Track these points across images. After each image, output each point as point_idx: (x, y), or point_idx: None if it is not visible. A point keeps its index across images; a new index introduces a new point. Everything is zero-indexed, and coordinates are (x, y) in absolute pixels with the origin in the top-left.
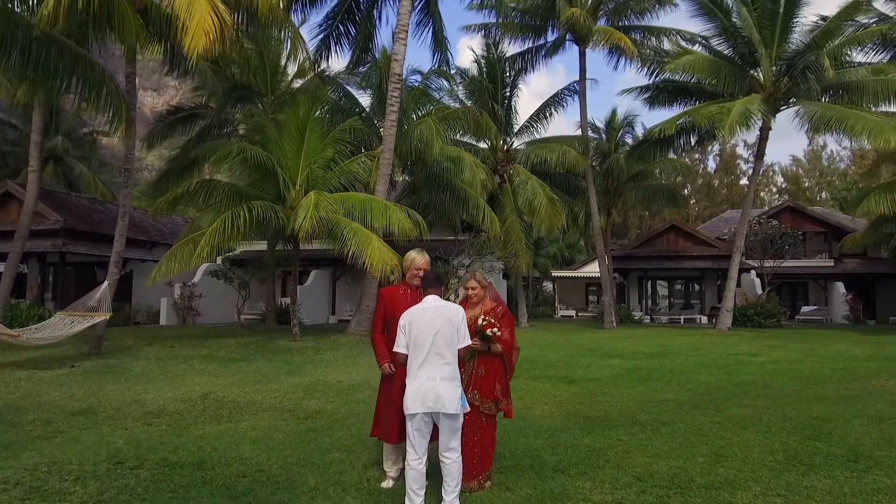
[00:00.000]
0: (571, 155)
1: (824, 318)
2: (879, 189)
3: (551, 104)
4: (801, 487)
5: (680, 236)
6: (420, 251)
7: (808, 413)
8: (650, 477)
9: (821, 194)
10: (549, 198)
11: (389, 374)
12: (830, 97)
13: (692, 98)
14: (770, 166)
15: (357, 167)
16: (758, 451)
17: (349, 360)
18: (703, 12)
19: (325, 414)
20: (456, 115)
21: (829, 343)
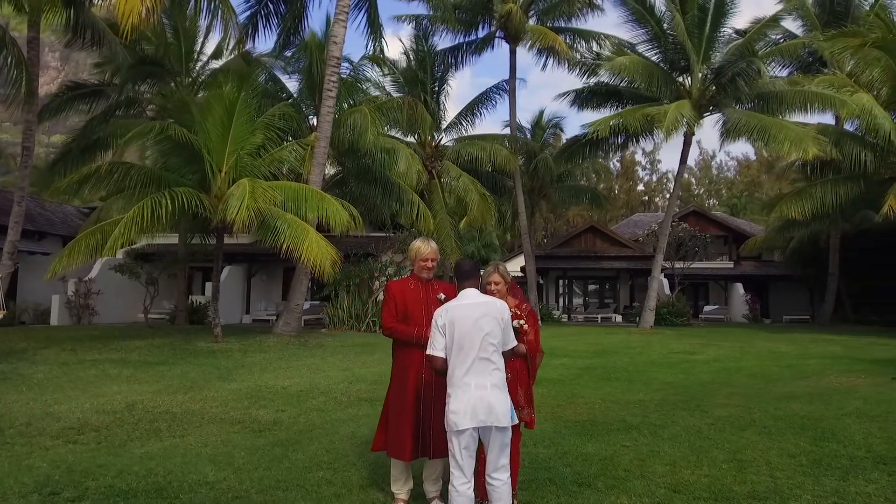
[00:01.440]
0: (503, 153)
1: (725, 317)
2: (790, 196)
3: (480, 102)
4: (850, 494)
5: (597, 237)
6: (425, 240)
7: (794, 412)
8: (685, 488)
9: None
10: (481, 194)
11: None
12: (751, 106)
13: (622, 101)
14: (664, 174)
15: (288, 155)
16: (776, 454)
17: (284, 363)
18: (635, 18)
19: (282, 425)
20: (391, 106)
21: (751, 341)
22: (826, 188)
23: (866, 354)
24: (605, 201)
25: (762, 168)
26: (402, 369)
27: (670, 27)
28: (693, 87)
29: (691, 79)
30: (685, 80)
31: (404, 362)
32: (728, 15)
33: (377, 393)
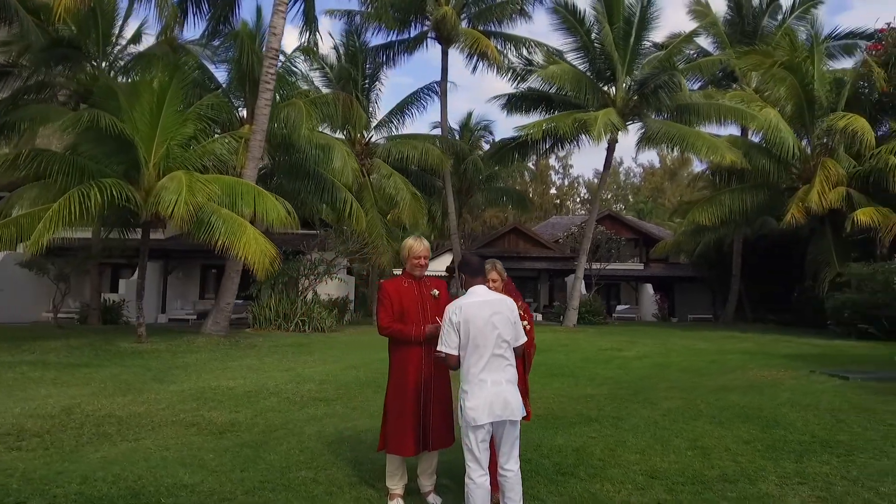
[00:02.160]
0: (435, 153)
1: (636, 315)
2: (701, 203)
3: (411, 102)
4: (810, 474)
5: (520, 238)
6: (418, 238)
7: (734, 403)
8: (660, 474)
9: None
10: (413, 194)
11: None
12: (668, 116)
13: (551, 107)
14: (576, 178)
15: (220, 147)
16: (732, 441)
17: (220, 364)
18: (566, 27)
19: (241, 426)
20: (325, 101)
21: (668, 339)
22: (734, 196)
23: (776, 350)
24: (530, 204)
25: (665, 175)
26: (401, 367)
27: (598, 38)
28: (617, 96)
29: (616, 88)
30: (610, 90)
31: (403, 360)
32: (650, 29)
33: (329, 393)
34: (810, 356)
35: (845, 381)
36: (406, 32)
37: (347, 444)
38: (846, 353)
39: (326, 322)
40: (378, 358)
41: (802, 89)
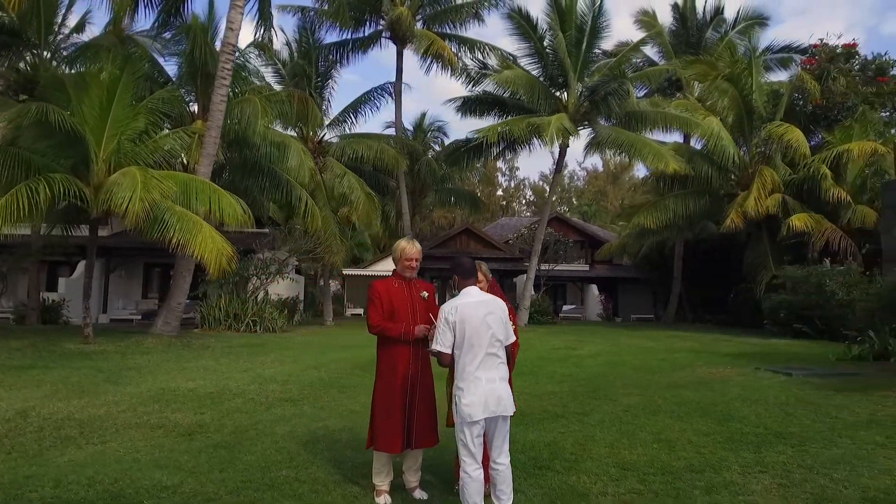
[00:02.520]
0: (390, 153)
1: (581, 315)
2: (647, 207)
3: (364, 101)
4: (770, 463)
5: (472, 239)
6: (410, 240)
7: (688, 398)
8: (631, 466)
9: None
10: (367, 194)
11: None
12: (615, 122)
13: (505, 111)
14: (522, 181)
15: (173, 143)
16: (693, 434)
17: (175, 365)
18: (520, 32)
19: (209, 428)
20: (279, 98)
21: (616, 338)
22: (677, 201)
23: (719, 349)
24: (482, 206)
25: (608, 179)
26: (390, 366)
27: (551, 45)
28: (569, 101)
29: (568, 94)
30: (562, 95)
31: (392, 359)
32: (601, 37)
33: (294, 393)
34: (751, 354)
35: (789, 377)
36: (361, 31)
37: (323, 444)
38: (783, 351)
39: (278, 322)
40: (337, 358)
41: (742, 100)
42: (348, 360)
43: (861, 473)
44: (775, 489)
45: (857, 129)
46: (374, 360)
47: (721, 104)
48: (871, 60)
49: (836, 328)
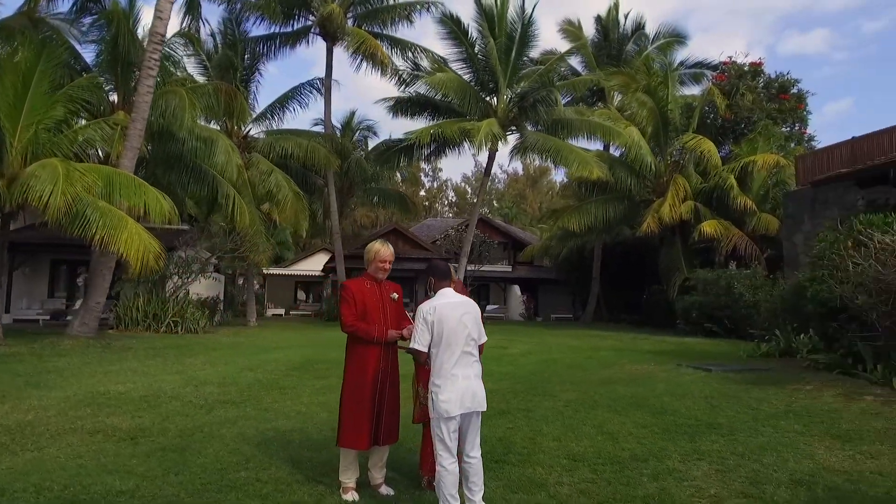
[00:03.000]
0: (321, 152)
1: (504, 315)
2: (570, 210)
3: (292, 96)
4: (706, 451)
5: (400, 239)
6: (384, 242)
7: (622, 394)
8: (581, 457)
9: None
10: (295, 192)
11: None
12: (541, 128)
13: (437, 113)
14: (444, 182)
15: (93, 133)
16: (632, 426)
17: (98, 367)
18: (451, 37)
19: (152, 432)
20: (206, 91)
21: (543, 337)
22: (599, 206)
23: (639, 347)
24: (412, 206)
25: (528, 182)
26: (360, 366)
27: (482, 51)
28: (499, 107)
29: (498, 100)
30: (492, 100)
31: (363, 358)
32: (530, 46)
33: (233, 396)
34: (670, 352)
35: (708, 372)
36: (290, 25)
37: (276, 445)
38: (697, 349)
39: (199, 323)
40: (270, 359)
41: (659, 111)
42: (282, 361)
43: (787, 458)
44: (714, 474)
45: (762, 143)
46: (310, 362)
47: (640, 115)
48: (774, 78)
49: (744, 327)
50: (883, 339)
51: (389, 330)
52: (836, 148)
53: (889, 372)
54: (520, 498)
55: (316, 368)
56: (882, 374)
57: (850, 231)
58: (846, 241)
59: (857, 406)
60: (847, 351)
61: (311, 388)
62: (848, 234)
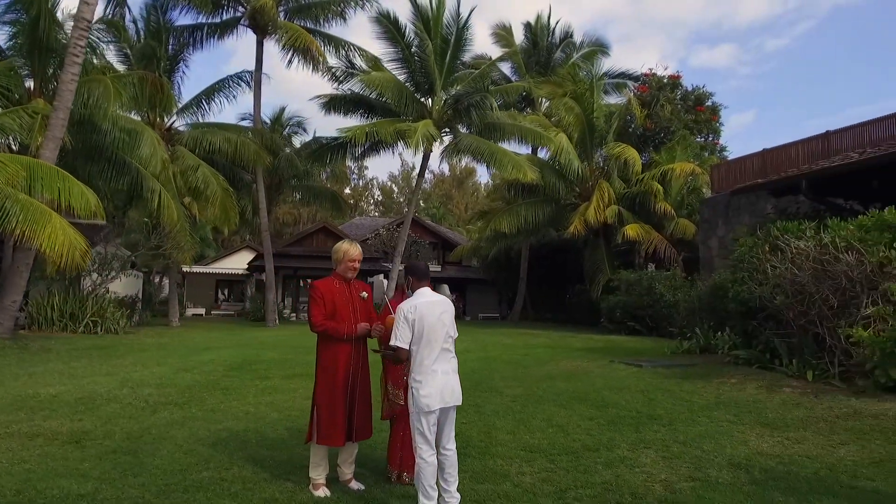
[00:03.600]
0: (252, 147)
1: None
2: (502, 212)
3: (219, 89)
4: (651, 440)
5: (329, 237)
6: (352, 242)
7: (563, 389)
8: (536, 448)
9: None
10: (224, 189)
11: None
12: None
13: (372, 112)
14: (371, 180)
15: (11, 122)
16: (579, 419)
17: (22, 369)
18: (387, 37)
19: (96, 435)
20: (131, 80)
21: (478, 336)
22: (528, 208)
23: (570, 345)
24: (344, 204)
25: (454, 183)
26: (332, 363)
27: (418, 52)
28: (434, 108)
29: (433, 101)
30: (427, 101)
31: (334, 357)
32: (464, 49)
33: (174, 397)
34: (599, 349)
35: (640, 368)
36: (218, 16)
37: (233, 445)
38: (624, 346)
39: (120, 323)
40: (204, 360)
41: (586, 118)
42: (218, 362)
43: (724, 445)
44: (661, 461)
45: (679, 151)
46: (248, 362)
47: (567, 121)
48: (691, 91)
49: (664, 325)
50: (797, 336)
51: (358, 324)
52: (748, 158)
53: (803, 366)
54: (486, 488)
55: (255, 369)
56: (797, 367)
57: (767, 237)
58: (764, 246)
59: (779, 397)
60: (765, 347)
61: (255, 388)
62: (765, 239)
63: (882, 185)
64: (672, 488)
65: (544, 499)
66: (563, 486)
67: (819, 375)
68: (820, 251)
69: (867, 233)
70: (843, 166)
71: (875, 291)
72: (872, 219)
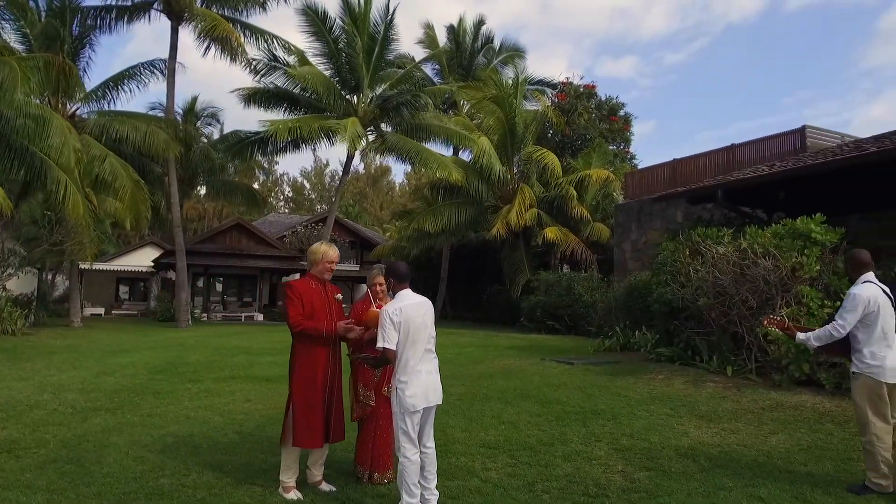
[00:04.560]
0: (161, 137)
1: None
2: (426, 212)
3: (130, 76)
4: (599, 433)
5: (244, 235)
6: (330, 244)
7: (504, 386)
8: (494, 444)
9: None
10: (135, 181)
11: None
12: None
13: (296, 106)
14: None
15: None
16: (527, 415)
17: None
18: (314, 31)
19: (27, 443)
20: (35, 64)
21: None
22: (451, 208)
23: (498, 343)
24: (261, 200)
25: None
26: (310, 365)
27: (345, 49)
28: (360, 106)
29: (359, 99)
30: (353, 98)
31: (313, 358)
32: (391, 48)
33: (103, 402)
34: (527, 347)
35: (571, 365)
36: None
37: (183, 451)
38: (548, 344)
39: (18, 323)
40: (124, 362)
41: (507, 123)
42: (139, 365)
43: (668, 436)
44: (614, 454)
45: (595, 158)
46: (172, 365)
47: (488, 124)
48: (605, 101)
49: (582, 325)
50: (717, 334)
51: (337, 323)
52: (659, 167)
53: (723, 362)
54: (457, 484)
55: (181, 372)
56: (717, 364)
57: (688, 241)
58: (685, 251)
59: (706, 391)
60: (686, 345)
61: (188, 392)
62: (686, 244)
63: (787, 197)
64: (631, 478)
65: (515, 492)
66: (530, 480)
67: (737, 371)
68: (740, 256)
69: (781, 240)
70: (757, 178)
71: (788, 293)
72: (786, 227)
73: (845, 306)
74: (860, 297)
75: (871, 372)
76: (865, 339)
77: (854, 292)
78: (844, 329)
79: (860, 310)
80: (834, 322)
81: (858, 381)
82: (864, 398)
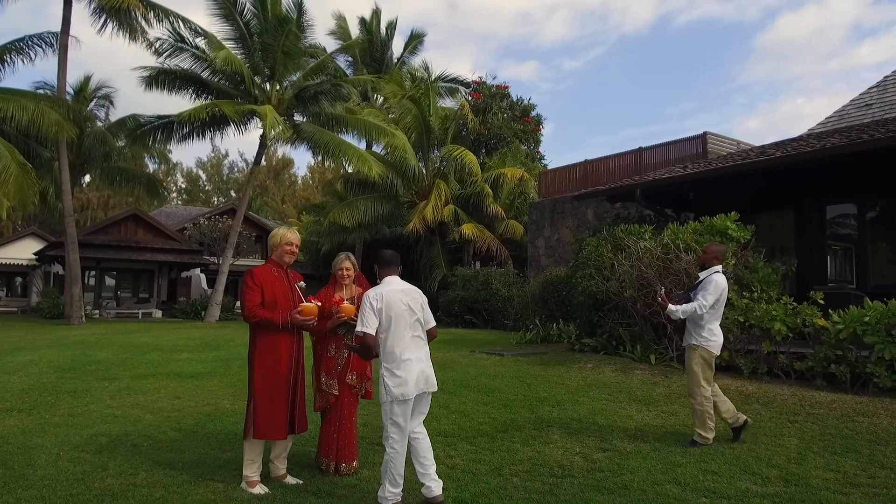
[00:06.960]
0: (52, 117)
1: None
2: (342, 206)
3: (14, 50)
4: (551, 419)
5: (140, 226)
6: (290, 228)
7: (447, 378)
8: (452, 434)
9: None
10: (20, 164)
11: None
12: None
13: (205, 91)
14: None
15: None
16: (472, 404)
17: None
18: (223, 14)
19: None
20: None
21: None
22: (368, 203)
23: None
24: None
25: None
26: (273, 355)
27: (258, 34)
28: (272, 93)
29: (272, 87)
30: (265, 86)
31: (276, 348)
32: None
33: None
34: (449, 340)
35: (502, 357)
36: None
37: (124, 451)
38: (469, 337)
39: None
40: (25, 360)
41: (423, 120)
42: (42, 363)
43: (614, 420)
44: (569, 437)
45: (510, 157)
46: (79, 363)
47: (405, 121)
48: (517, 102)
49: (499, 318)
50: (640, 325)
51: (291, 312)
52: (571, 168)
53: (645, 350)
54: None
55: (92, 370)
56: (640, 353)
57: (611, 238)
58: (607, 246)
59: (636, 378)
60: (610, 335)
61: (107, 390)
62: (609, 240)
63: (695, 197)
64: (591, 459)
65: (485, 476)
66: (496, 465)
67: (660, 359)
68: (663, 251)
69: (701, 236)
70: (674, 178)
71: None
72: (705, 225)
73: (708, 290)
74: (720, 285)
75: (709, 345)
76: (710, 317)
77: (716, 280)
78: (705, 308)
79: (718, 294)
80: (698, 301)
81: (696, 352)
82: (700, 365)
